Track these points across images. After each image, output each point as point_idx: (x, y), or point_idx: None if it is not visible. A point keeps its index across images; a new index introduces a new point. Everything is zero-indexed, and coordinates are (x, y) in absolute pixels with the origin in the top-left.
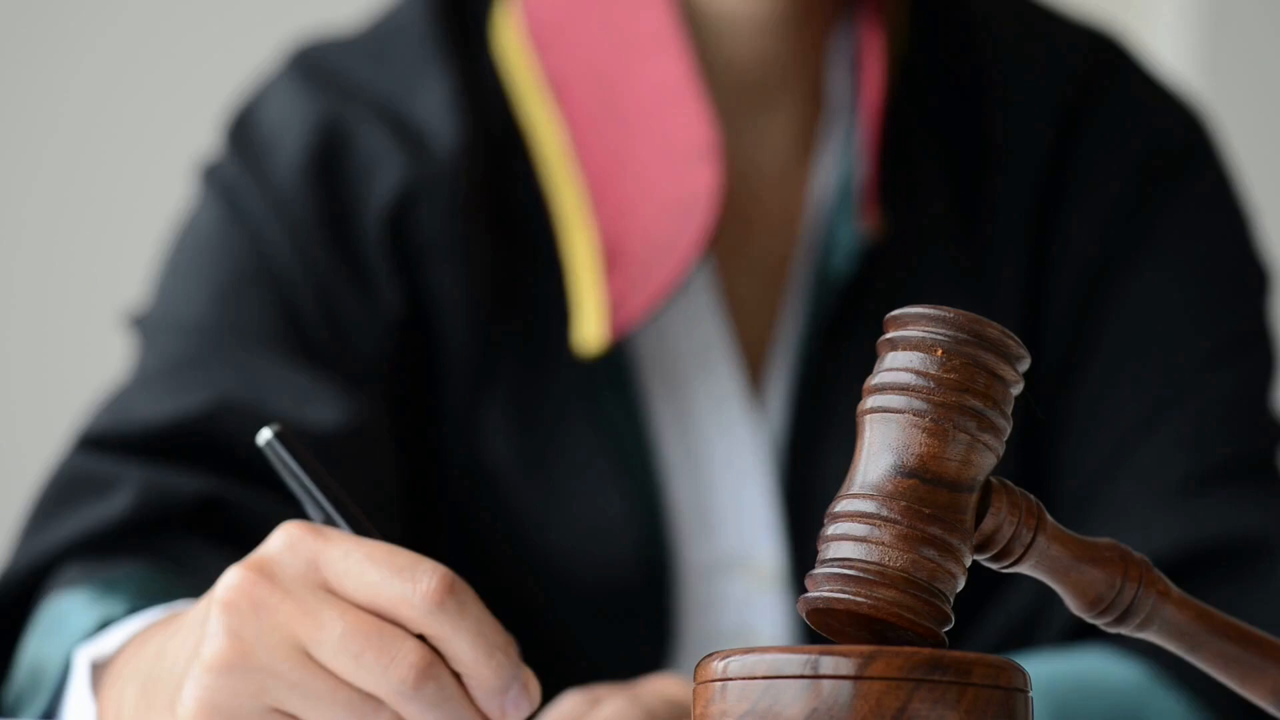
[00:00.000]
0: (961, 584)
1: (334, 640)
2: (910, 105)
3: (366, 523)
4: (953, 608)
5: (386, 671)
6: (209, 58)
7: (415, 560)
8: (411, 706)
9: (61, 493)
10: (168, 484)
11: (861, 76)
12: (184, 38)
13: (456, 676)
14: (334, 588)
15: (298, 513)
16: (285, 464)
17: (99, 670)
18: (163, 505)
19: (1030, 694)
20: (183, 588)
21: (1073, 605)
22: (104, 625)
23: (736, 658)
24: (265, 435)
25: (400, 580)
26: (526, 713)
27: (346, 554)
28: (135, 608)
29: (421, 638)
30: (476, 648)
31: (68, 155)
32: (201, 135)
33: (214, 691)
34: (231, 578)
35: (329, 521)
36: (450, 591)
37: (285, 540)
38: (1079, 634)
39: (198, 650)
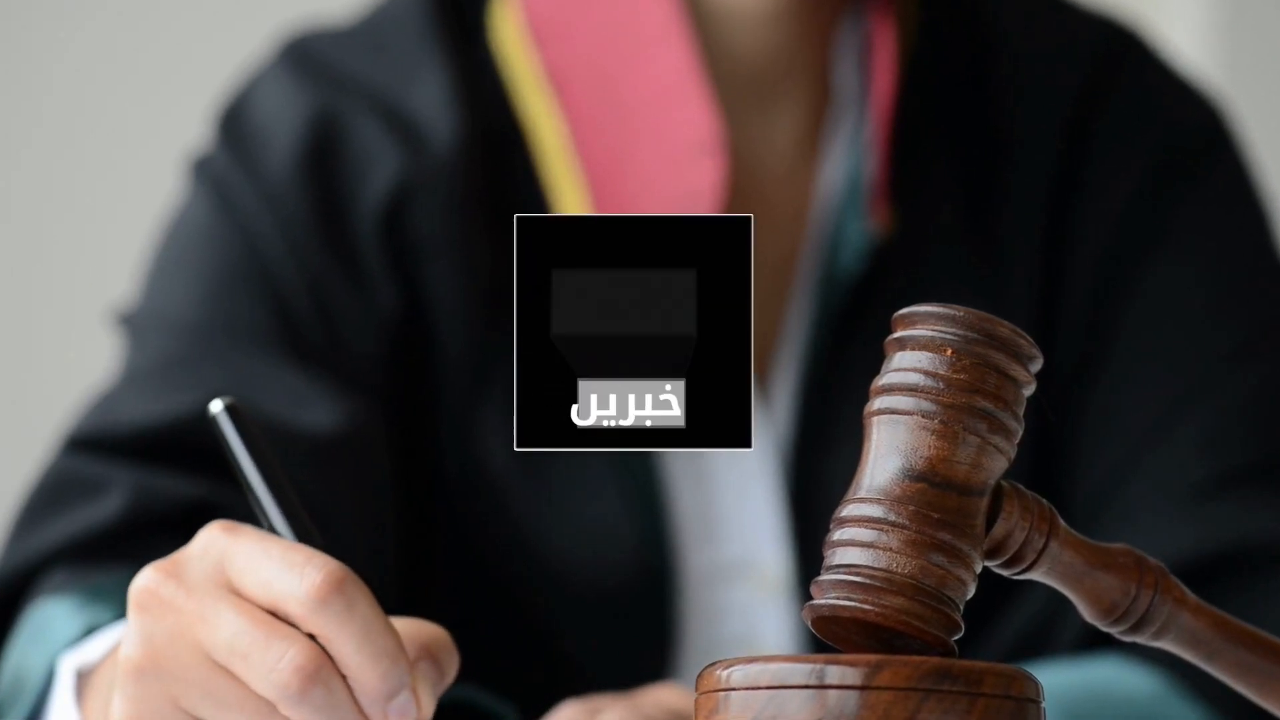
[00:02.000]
0: (972, 591)
1: (226, 640)
2: (920, 99)
3: (303, 514)
4: (962, 615)
5: (270, 674)
6: (200, 47)
7: (309, 556)
8: (297, 711)
9: (50, 495)
10: (159, 487)
11: (872, 69)
12: (174, 27)
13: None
14: (235, 586)
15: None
16: (228, 441)
17: (83, 678)
18: (154, 509)
19: (1043, 704)
20: None
21: (1086, 613)
22: (89, 632)
23: (739, 667)
24: (216, 406)
25: (290, 576)
26: None
27: (250, 551)
28: (121, 614)
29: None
30: (361, 650)
31: (53, 147)
32: (192, 127)
33: (134, 700)
34: (142, 579)
35: (260, 507)
36: (337, 589)
37: (201, 539)
38: (1093, 642)
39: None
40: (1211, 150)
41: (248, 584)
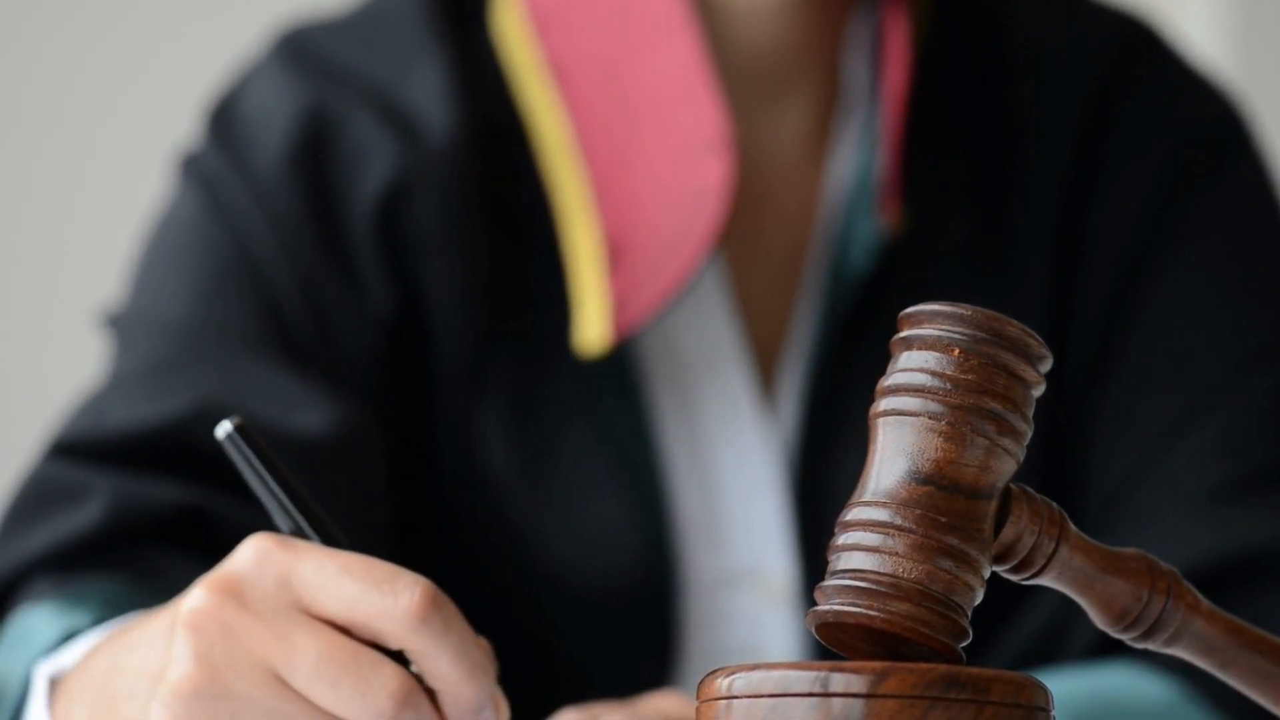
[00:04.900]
0: (979, 596)
1: (309, 666)
2: (933, 95)
3: (332, 525)
4: (970, 622)
5: (364, 700)
6: (190, 40)
7: (395, 572)
8: None
9: (32, 503)
10: (143, 493)
11: (885, 64)
12: (164, 19)
13: (429, 692)
14: (307, 605)
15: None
16: (248, 460)
17: (57, 685)
18: (137, 515)
19: (1052, 713)
20: (155, 601)
21: (1097, 619)
22: (68, 638)
23: (742, 674)
24: (225, 427)
25: (380, 594)
26: None
27: (320, 568)
28: (100, 620)
29: (398, 655)
30: (459, 666)
31: (38, 143)
32: (181, 122)
33: (182, 717)
34: (197, 599)
35: (291, 523)
36: (434, 606)
37: (255, 555)
38: (1104, 649)
39: (163, 674)
40: (1228, 149)
41: (326, 601)
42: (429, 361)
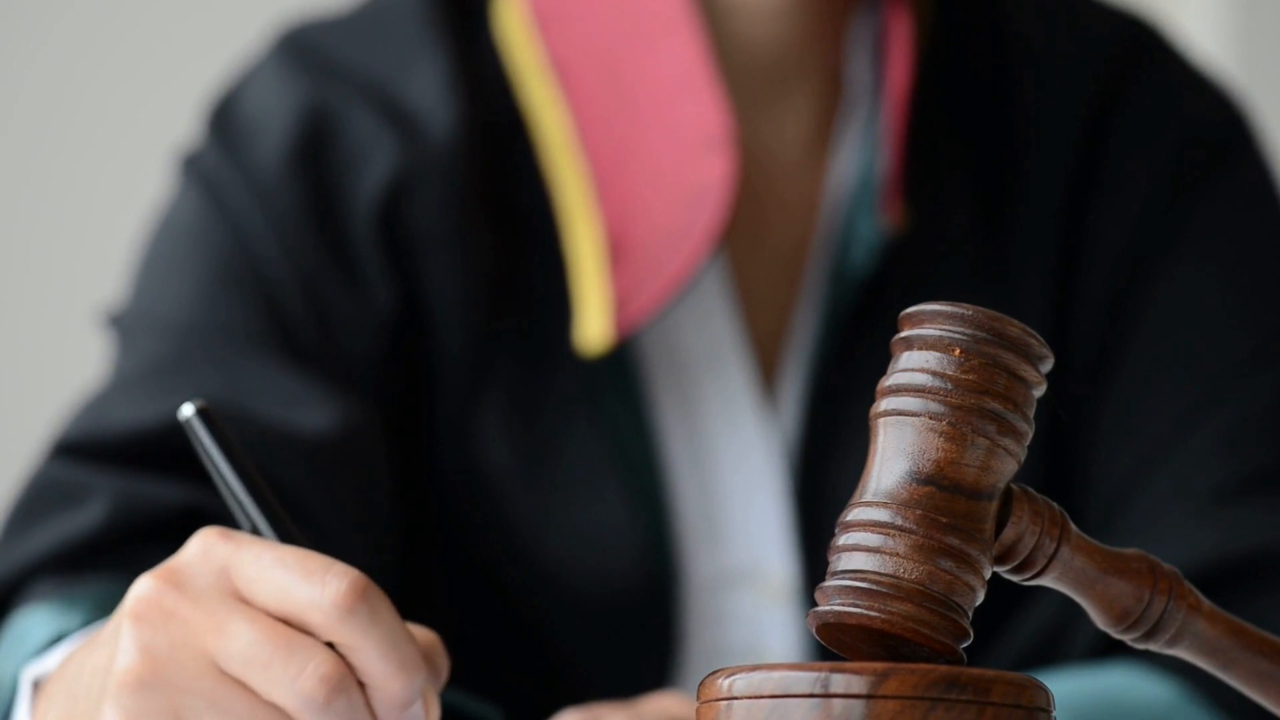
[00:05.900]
0: (980, 597)
1: (241, 651)
2: (935, 94)
3: (285, 517)
4: (971, 622)
5: (294, 684)
6: (190, 40)
7: (326, 564)
8: None
9: (34, 504)
10: (145, 494)
11: (886, 63)
12: (164, 18)
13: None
14: (244, 594)
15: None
16: (204, 447)
17: (39, 687)
18: (139, 516)
19: (1054, 714)
20: None
21: (1098, 620)
22: (58, 640)
23: (742, 675)
24: (187, 410)
25: (309, 584)
26: None
27: (257, 558)
28: (90, 621)
29: (333, 646)
30: (387, 660)
31: (38, 143)
32: (181, 122)
33: (131, 713)
34: (140, 588)
35: (240, 510)
36: (361, 598)
37: (198, 547)
38: (1106, 650)
39: (110, 666)
40: (1230, 148)
41: (260, 592)
42: (430, 359)
